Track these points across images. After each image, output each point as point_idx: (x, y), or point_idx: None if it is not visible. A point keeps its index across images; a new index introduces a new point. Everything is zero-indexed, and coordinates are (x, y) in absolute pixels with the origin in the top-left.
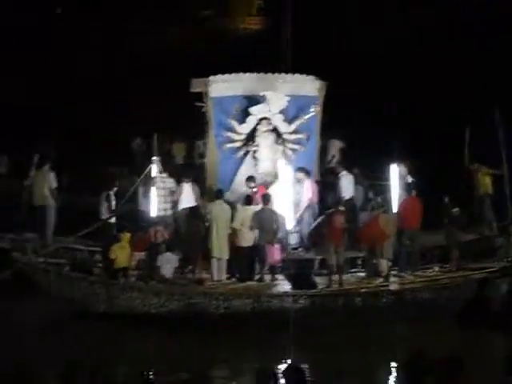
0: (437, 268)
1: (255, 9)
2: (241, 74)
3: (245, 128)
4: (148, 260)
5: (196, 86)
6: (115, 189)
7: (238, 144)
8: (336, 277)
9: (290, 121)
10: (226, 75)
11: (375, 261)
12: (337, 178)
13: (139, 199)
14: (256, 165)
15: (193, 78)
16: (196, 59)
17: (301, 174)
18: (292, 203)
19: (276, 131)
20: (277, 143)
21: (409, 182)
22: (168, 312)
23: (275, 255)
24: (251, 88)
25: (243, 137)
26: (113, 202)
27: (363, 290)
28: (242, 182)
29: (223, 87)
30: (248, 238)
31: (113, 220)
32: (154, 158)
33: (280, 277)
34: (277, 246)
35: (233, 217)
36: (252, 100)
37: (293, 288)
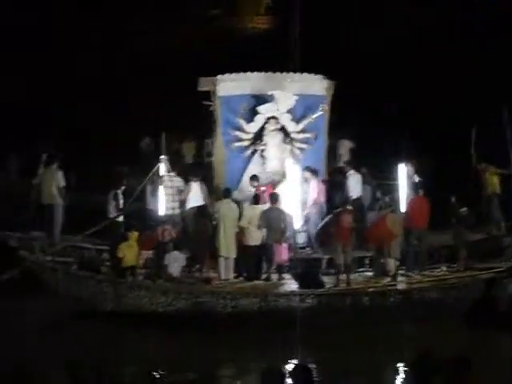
0: (444, 268)
1: (263, 8)
2: (249, 73)
3: (253, 127)
4: (156, 259)
5: (204, 85)
6: (123, 187)
7: (246, 143)
8: (343, 276)
9: (298, 120)
10: (234, 74)
11: (383, 260)
12: (344, 178)
13: (147, 198)
14: (264, 164)
15: (201, 77)
16: (204, 58)
17: (308, 174)
18: (300, 202)
19: (284, 130)
20: (285, 142)
21: (416, 182)
22: (175, 311)
23: (283, 254)
24: (259, 87)
25: (251, 136)
26: (121, 201)
27: (371, 290)
28: None
29: (231, 86)
30: (255, 237)
31: (121, 219)
32: (162, 157)
33: (287, 276)
34: (284, 245)
35: (240, 216)
36: (260, 99)
37: (300, 287)
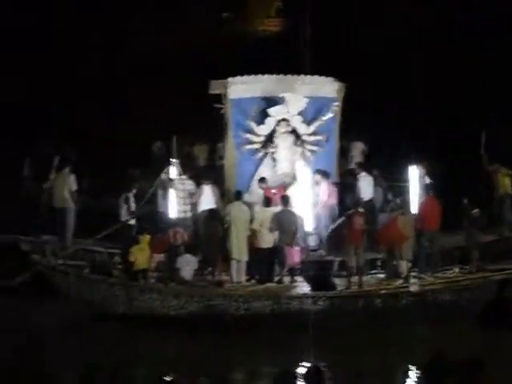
0: (457, 269)
1: (274, 10)
2: (259, 76)
3: (263, 129)
4: (167, 262)
5: (215, 88)
6: (134, 191)
7: (257, 145)
8: (355, 278)
9: (309, 122)
10: (245, 77)
11: (395, 262)
12: (356, 180)
13: (159, 201)
14: (275, 166)
15: (212, 80)
16: (215, 61)
17: (318, 176)
18: (311, 204)
19: (295, 132)
20: (295, 144)
21: (426, 184)
22: (187, 314)
23: (295, 257)
24: (270, 89)
25: (262, 138)
26: (132, 204)
27: (383, 292)
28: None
29: (242, 89)
30: (267, 240)
31: (132, 222)
32: (173, 160)
33: (299, 278)
34: (296, 248)
35: (252, 218)
36: (271, 101)
37: (312, 290)
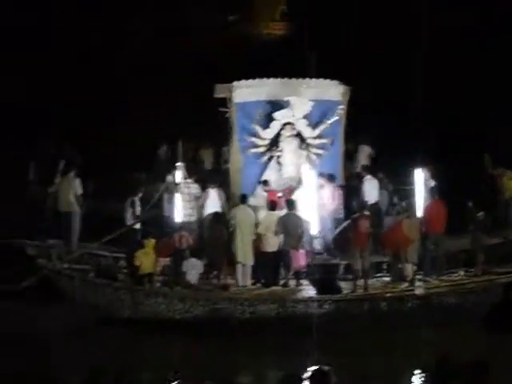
0: (462, 272)
1: (279, 14)
2: (264, 80)
3: (269, 133)
4: (173, 266)
5: (220, 92)
6: (140, 195)
7: (262, 149)
8: (361, 281)
9: (314, 126)
10: (250, 80)
11: (400, 265)
12: (361, 183)
13: (164, 205)
14: (280, 170)
15: (217, 84)
16: (221, 64)
17: (322, 180)
18: (316, 208)
19: (300, 136)
20: (301, 148)
21: (432, 187)
22: (193, 317)
23: (300, 260)
24: (275, 93)
25: (267, 142)
26: (138, 208)
27: (388, 295)
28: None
29: (247, 92)
30: (273, 244)
31: (138, 226)
32: (179, 164)
33: (305, 282)
34: (301, 251)
35: (257, 222)
36: (276, 105)
37: (318, 293)
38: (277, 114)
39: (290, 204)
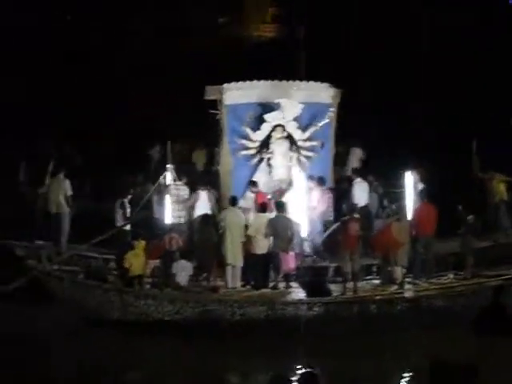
0: (451, 275)
1: (270, 16)
2: (255, 82)
3: (259, 135)
4: (163, 267)
5: (211, 94)
6: (130, 196)
7: (253, 151)
8: (350, 284)
9: (304, 128)
10: (241, 83)
11: (390, 268)
12: (351, 185)
13: (154, 207)
14: (270, 172)
15: (207, 86)
16: (210, 67)
17: (312, 183)
18: (306, 210)
19: (290, 138)
20: (291, 150)
21: (421, 190)
22: (183, 319)
23: (290, 263)
24: (265, 95)
25: (257, 144)
26: (128, 210)
27: (378, 298)
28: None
29: (237, 95)
30: (262, 246)
31: (128, 228)
32: (169, 166)
33: (294, 284)
34: (291, 254)
35: (247, 224)
36: (266, 107)
37: (307, 295)
38: (267, 116)
39: (280, 206)
